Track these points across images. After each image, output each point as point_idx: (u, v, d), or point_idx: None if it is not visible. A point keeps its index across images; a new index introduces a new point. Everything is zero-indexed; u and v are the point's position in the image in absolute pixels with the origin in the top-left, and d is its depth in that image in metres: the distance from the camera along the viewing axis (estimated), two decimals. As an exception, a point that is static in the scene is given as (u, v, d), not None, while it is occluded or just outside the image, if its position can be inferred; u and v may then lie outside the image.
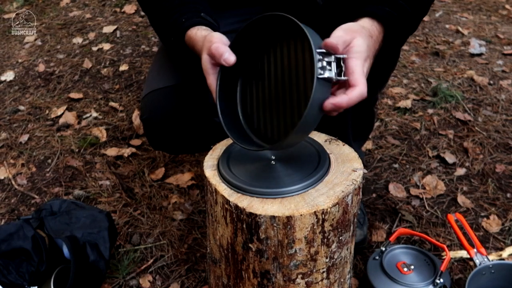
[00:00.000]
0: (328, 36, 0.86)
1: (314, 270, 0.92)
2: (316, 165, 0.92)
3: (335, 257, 0.93)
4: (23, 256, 1.25)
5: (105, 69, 2.52)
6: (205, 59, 0.91)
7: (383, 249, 1.30)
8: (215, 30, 1.00)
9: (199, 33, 0.97)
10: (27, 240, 1.26)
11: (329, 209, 0.85)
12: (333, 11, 1.06)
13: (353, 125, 1.39)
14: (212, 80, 0.91)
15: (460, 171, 1.76)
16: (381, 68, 1.10)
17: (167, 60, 1.28)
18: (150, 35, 2.85)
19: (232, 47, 0.88)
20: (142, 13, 3.05)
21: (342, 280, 1.00)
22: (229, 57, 0.85)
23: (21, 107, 2.25)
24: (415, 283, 1.22)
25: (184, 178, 1.76)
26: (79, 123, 2.12)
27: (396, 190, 1.68)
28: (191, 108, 1.19)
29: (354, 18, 0.95)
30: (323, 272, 0.93)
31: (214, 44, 0.87)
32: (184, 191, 1.71)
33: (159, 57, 1.35)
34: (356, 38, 0.86)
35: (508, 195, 1.66)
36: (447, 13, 3.05)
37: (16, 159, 1.92)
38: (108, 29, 2.92)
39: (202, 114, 1.19)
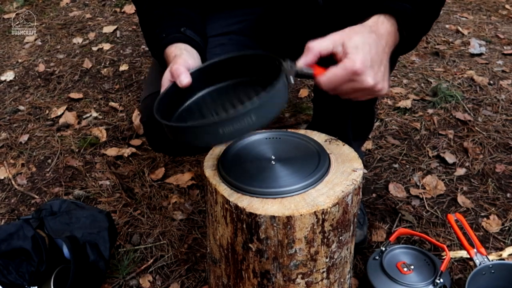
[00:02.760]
0: None
1: (314, 270, 0.92)
2: (316, 165, 0.92)
3: (335, 257, 0.93)
4: (23, 256, 1.24)
5: (105, 69, 2.52)
6: (166, 74, 1.00)
7: (383, 249, 1.29)
8: (194, 46, 1.06)
9: (174, 53, 1.04)
10: (27, 240, 1.25)
11: (329, 209, 0.85)
12: (334, 11, 1.06)
13: (353, 125, 1.39)
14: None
15: (460, 171, 1.76)
16: None
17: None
18: (150, 35, 2.85)
19: (200, 70, 0.98)
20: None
21: (342, 280, 1.00)
22: (183, 80, 0.95)
23: (21, 107, 2.25)
24: (415, 283, 1.22)
25: (184, 178, 1.75)
26: (79, 123, 2.12)
27: (396, 190, 1.68)
28: None
29: (363, 18, 0.92)
30: (323, 272, 0.93)
31: (176, 65, 0.97)
32: (184, 191, 1.71)
33: None
34: (351, 38, 0.85)
35: (508, 195, 1.66)
36: (447, 13, 3.05)
37: (16, 159, 1.92)
38: (108, 29, 2.92)
39: None
